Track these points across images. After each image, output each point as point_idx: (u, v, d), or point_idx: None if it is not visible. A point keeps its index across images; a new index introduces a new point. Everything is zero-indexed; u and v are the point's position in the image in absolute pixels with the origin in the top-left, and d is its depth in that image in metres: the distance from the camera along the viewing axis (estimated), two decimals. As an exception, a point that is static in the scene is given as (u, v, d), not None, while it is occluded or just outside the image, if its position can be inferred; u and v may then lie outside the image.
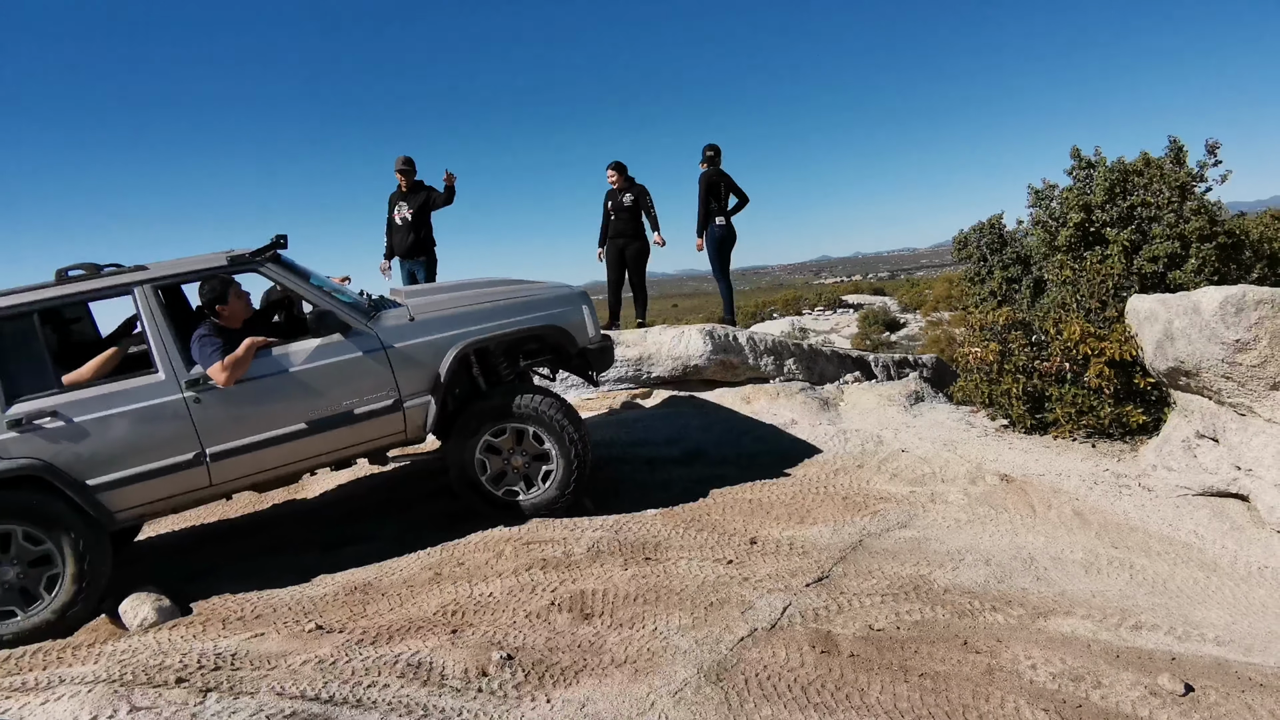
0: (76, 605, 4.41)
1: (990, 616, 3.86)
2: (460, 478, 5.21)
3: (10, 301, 4.46)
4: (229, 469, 4.70)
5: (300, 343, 4.83)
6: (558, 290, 5.55)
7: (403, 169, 8.25)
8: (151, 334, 4.63)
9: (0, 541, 4.35)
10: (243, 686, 3.44)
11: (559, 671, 3.46)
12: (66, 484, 4.38)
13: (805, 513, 5.28)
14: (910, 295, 33.60)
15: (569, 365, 5.82)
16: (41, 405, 4.40)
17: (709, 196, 8.69)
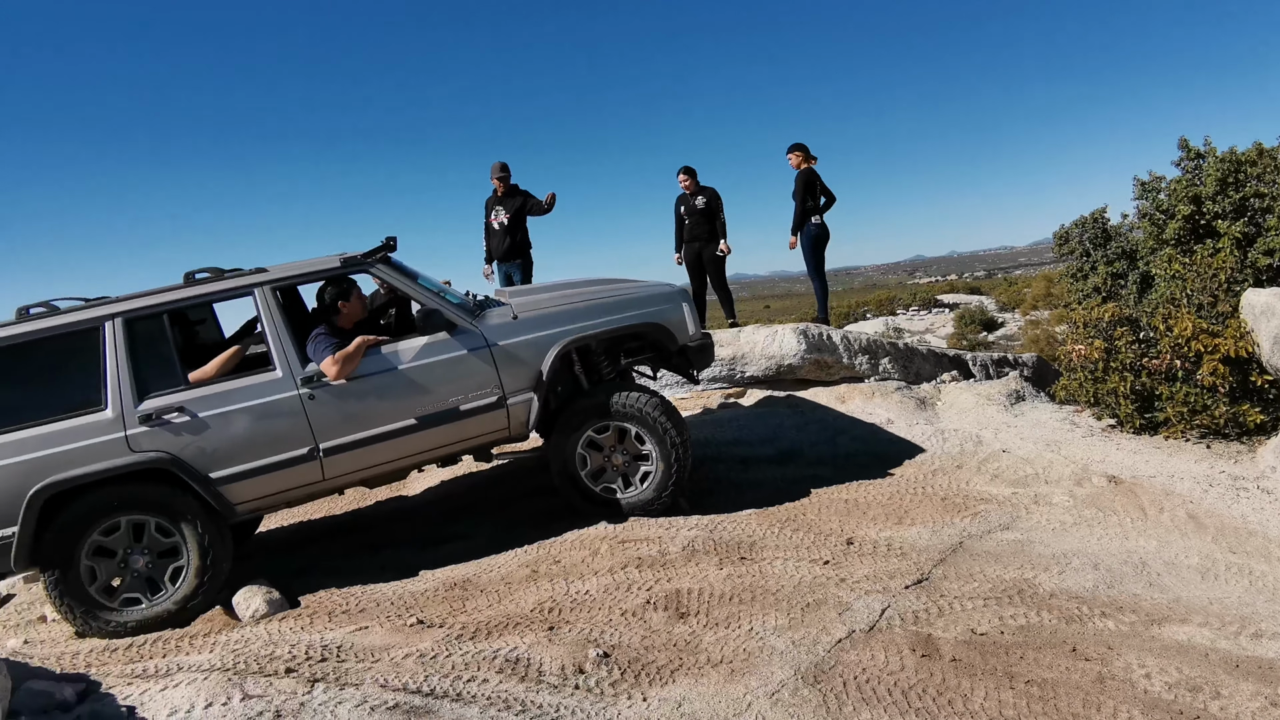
0: (197, 598, 4.65)
1: (1100, 623, 3.69)
2: (560, 473, 5.25)
3: (142, 303, 4.74)
4: (341, 464, 4.86)
5: (408, 341, 4.98)
6: (658, 288, 5.58)
7: (499, 175, 8.43)
8: (270, 333, 4.84)
9: (135, 531, 4.62)
10: (348, 678, 3.57)
11: (655, 670, 3.47)
12: (192, 477, 4.60)
13: (903, 513, 5.16)
14: (1008, 294, 32.45)
15: (669, 363, 5.80)
16: (169, 401, 4.64)
17: (806, 194, 8.52)
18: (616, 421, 5.16)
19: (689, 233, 8.95)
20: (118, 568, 4.61)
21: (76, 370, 4.61)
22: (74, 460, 4.47)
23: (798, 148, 8.61)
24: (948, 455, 6.18)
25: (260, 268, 5.01)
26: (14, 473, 4.40)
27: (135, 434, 4.57)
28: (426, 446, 5.00)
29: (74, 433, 4.51)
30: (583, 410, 5.17)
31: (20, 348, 4.58)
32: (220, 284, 4.90)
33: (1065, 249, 9.90)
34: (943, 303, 31.60)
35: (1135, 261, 8.87)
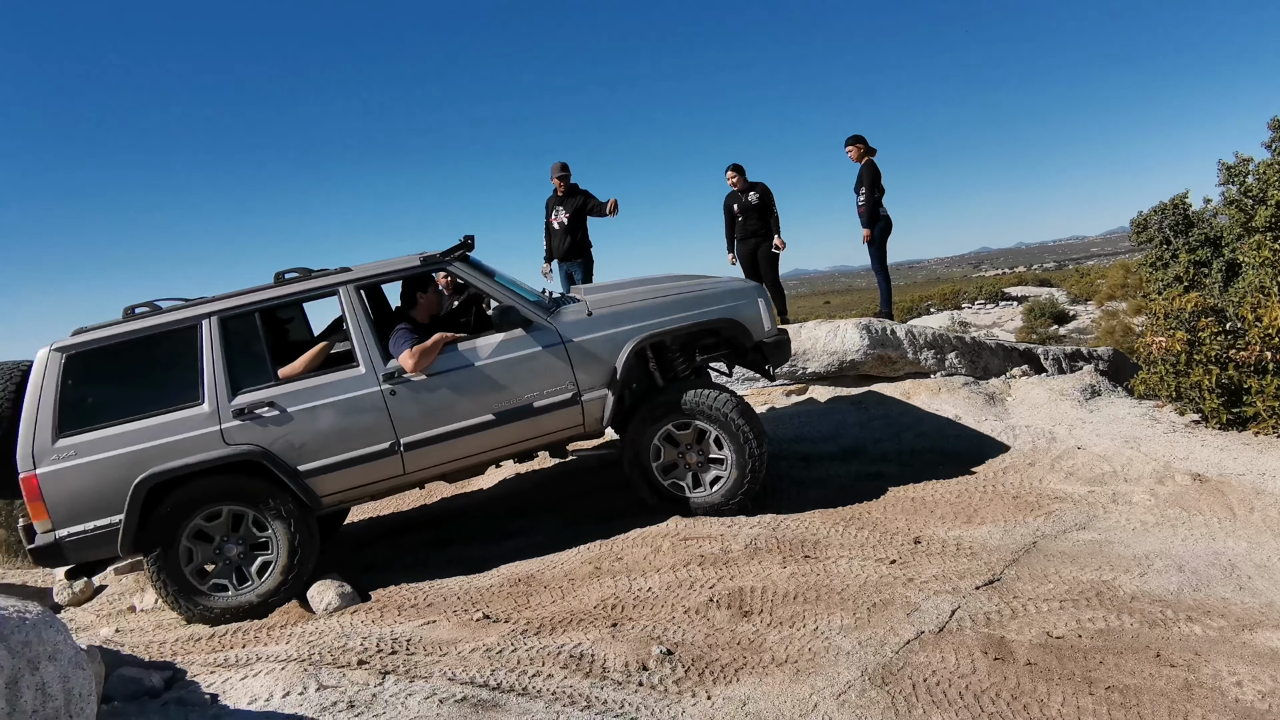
0: (279, 593, 4.80)
1: (1186, 627, 3.53)
2: (633, 468, 5.25)
3: (236, 302, 4.94)
4: (420, 458, 4.96)
5: (485, 337, 5.06)
6: (734, 284, 5.55)
7: (559, 174, 8.48)
8: (353, 330, 4.99)
9: (231, 521, 4.82)
10: (417, 670, 3.64)
11: (719, 668, 3.45)
12: (281, 469, 4.77)
13: (972, 512, 5.03)
14: (1080, 285, 31.40)
15: (745, 360, 5.75)
16: (260, 396, 4.82)
17: (874, 186, 8.33)
18: (693, 420, 5.13)
19: (742, 229, 8.85)
20: (212, 554, 4.82)
21: (176, 366, 4.83)
22: (174, 452, 4.68)
23: (857, 140, 8.42)
24: (1019, 452, 6.01)
25: (345, 267, 5.17)
26: (121, 464, 4.63)
27: (229, 427, 4.76)
28: (503, 442, 5.06)
29: (174, 426, 4.72)
30: (659, 407, 5.16)
31: (126, 345, 4.82)
32: (307, 283, 5.07)
33: (1143, 237, 9.55)
34: (1010, 295, 30.75)
35: (1220, 249, 8.51)
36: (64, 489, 4.61)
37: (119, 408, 4.74)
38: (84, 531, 4.65)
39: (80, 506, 4.63)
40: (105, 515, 4.64)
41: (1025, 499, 5.19)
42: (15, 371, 4.90)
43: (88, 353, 4.76)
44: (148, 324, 4.85)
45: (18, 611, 2.25)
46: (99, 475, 4.62)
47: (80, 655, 2.34)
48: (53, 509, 4.61)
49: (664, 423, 5.16)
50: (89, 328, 4.87)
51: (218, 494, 4.73)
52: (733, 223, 8.93)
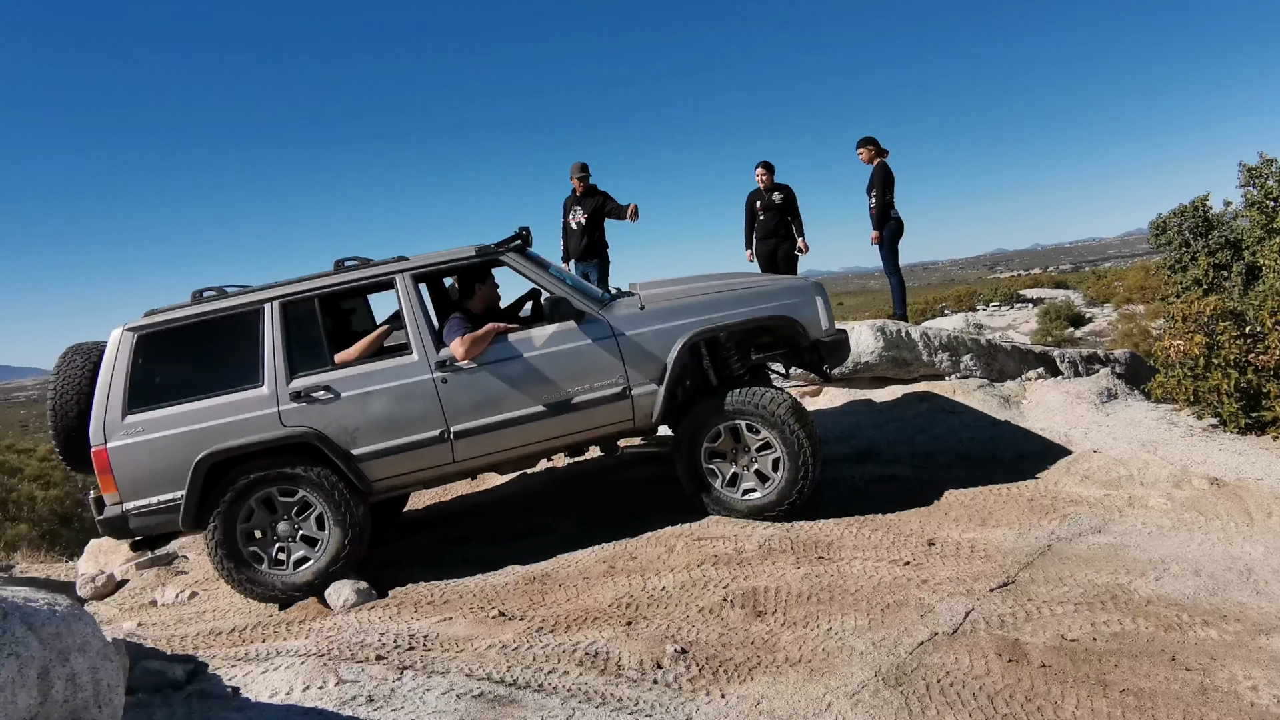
0: (330, 575, 4.84)
1: (1202, 631, 3.52)
2: (684, 467, 5.18)
3: (296, 289, 5.02)
4: (470, 447, 4.97)
5: (537, 329, 5.06)
6: (790, 281, 5.49)
7: (579, 175, 8.51)
8: (408, 318, 5.04)
9: (288, 502, 4.88)
10: (434, 666, 3.68)
11: (733, 667, 3.47)
12: (334, 452, 4.83)
13: (987, 514, 5.03)
14: (1097, 288, 31.15)
15: (801, 360, 5.61)
16: (316, 380, 4.89)
17: (885, 188, 8.31)
18: (745, 420, 5.04)
19: (763, 229, 8.82)
20: (268, 534, 4.92)
21: (239, 349, 4.93)
22: (233, 432, 4.79)
23: (869, 142, 8.40)
24: (1034, 455, 5.99)
25: (401, 257, 5.23)
26: (184, 441, 4.75)
27: (286, 409, 4.84)
28: (552, 434, 5.05)
29: (234, 406, 4.83)
30: (711, 406, 5.08)
31: (193, 327, 4.95)
32: (365, 271, 5.12)
33: (1162, 239, 9.47)
34: (1026, 298, 30.53)
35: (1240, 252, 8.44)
36: (131, 463, 4.75)
37: (184, 387, 4.88)
38: (148, 505, 4.78)
39: (145, 481, 4.76)
40: (169, 490, 4.76)
41: (1040, 502, 5.18)
42: (94, 351, 5.06)
43: (157, 333, 4.90)
44: (214, 307, 4.96)
45: (48, 604, 2.30)
46: (163, 451, 4.75)
47: (108, 647, 2.39)
48: (120, 482, 4.75)
49: (716, 422, 5.07)
50: (160, 309, 5.01)
51: (274, 475, 4.82)
52: (753, 220, 8.90)
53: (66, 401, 4.93)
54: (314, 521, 4.90)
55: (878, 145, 8.37)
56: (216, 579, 5.82)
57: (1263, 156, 8.20)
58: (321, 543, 4.89)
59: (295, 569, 4.90)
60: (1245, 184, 8.55)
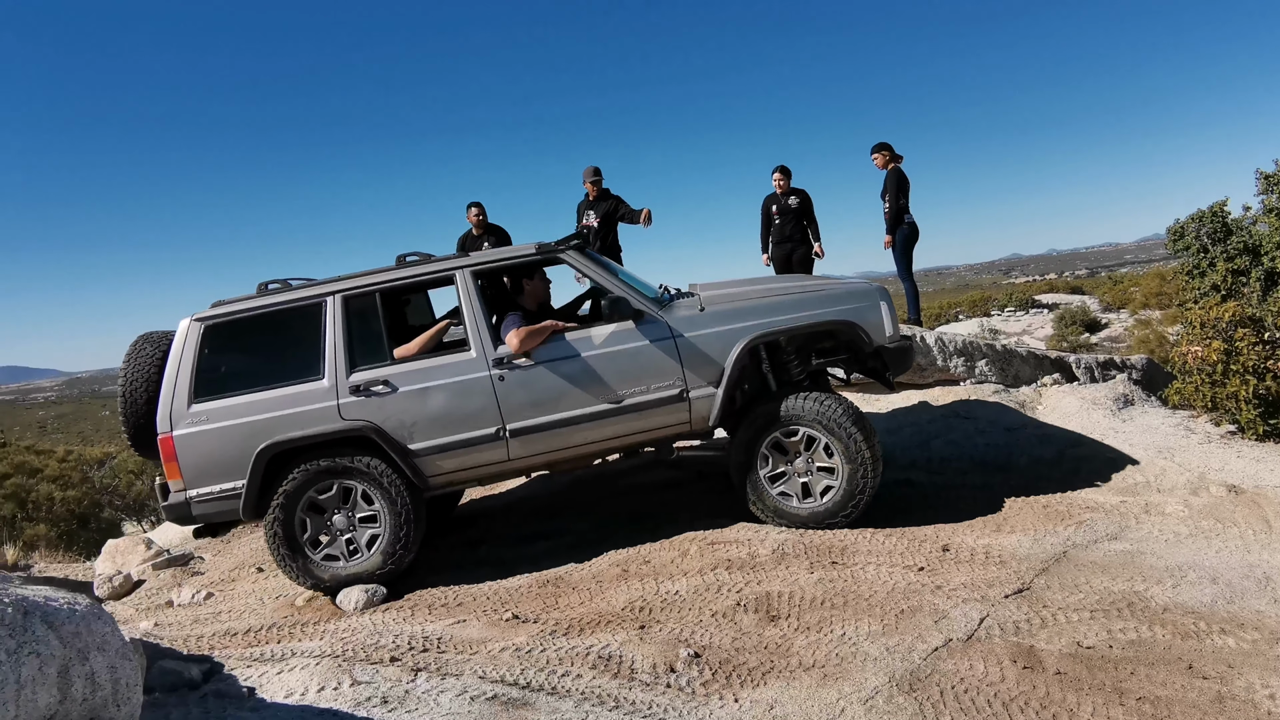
0: (387, 566, 4.88)
1: (1219, 639, 3.49)
2: (740, 475, 5.05)
3: (357, 283, 5.06)
4: (525, 446, 4.95)
5: (595, 328, 5.03)
6: (854, 285, 5.36)
7: (592, 179, 8.54)
8: (467, 314, 5.04)
9: (343, 495, 4.92)
10: (448, 668, 3.69)
11: (746, 672, 3.47)
12: (392, 447, 4.85)
13: (1002, 520, 5.00)
14: (1113, 293, 30.91)
15: (864, 366, 5.48)
16: (376, 375, 4.93)
17: (898, 193, 8.33)
18: (803, 427, 4.93)
19: (779, 233, 8.83)
20: (325, 525, 4.94)
21: (301, 342, 4.99)
22: (293, 423, 4.84)
23: (883, 147, 8.43)
24: (1049, 461, 5.96)
25: (464, 253, 5.25)
26: (246, 431, 4.82)
27: (345, 403, 4.88)
28: (607, 435, 5.01)
29: (295, 398, 4.88)
30: (769, 411, 4.97)
31: (258, 319, 5.02)
32: (426, 267, 5.15)
33: (1180, 245, 9.40)
34: (1041, 303, 30.33)
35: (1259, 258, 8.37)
36: (195, 451, 4.82)
37: (248, 377, 4.95)
38: (211, 493, 4.86)
39: (209, 469, 4.84)
40: (230, 479, 4.83)
41: (1055, 508, 5.15)
42: (163, 340, 5.14)
43: (224, 324, 4.98)
44: (278, 299, 5.02)
45: (68, 603, 2.32)
46: (226, 441, 4.82)
47: (127, 646, 2.41)
48: (185, 470, 4.84)
49: (773, 428, 4.96)
50: (226, 300, 5.08)
51: (332, 468, 4.85)
52: (769, 225, 8.91)
53: (136, 389, 5.01)
54: (370, 515, 4.91)
55: (892, 151, 8.40)
56: (232, 580, 5.88)
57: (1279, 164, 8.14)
58: (378, 537, 4.89)
59: (351, 561, 4.92)
60: (1263, 191, 8.49)
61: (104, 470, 13.87)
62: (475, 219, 8.57)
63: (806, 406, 4.90)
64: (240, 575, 5.97)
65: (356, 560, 4.91)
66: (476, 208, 8.56)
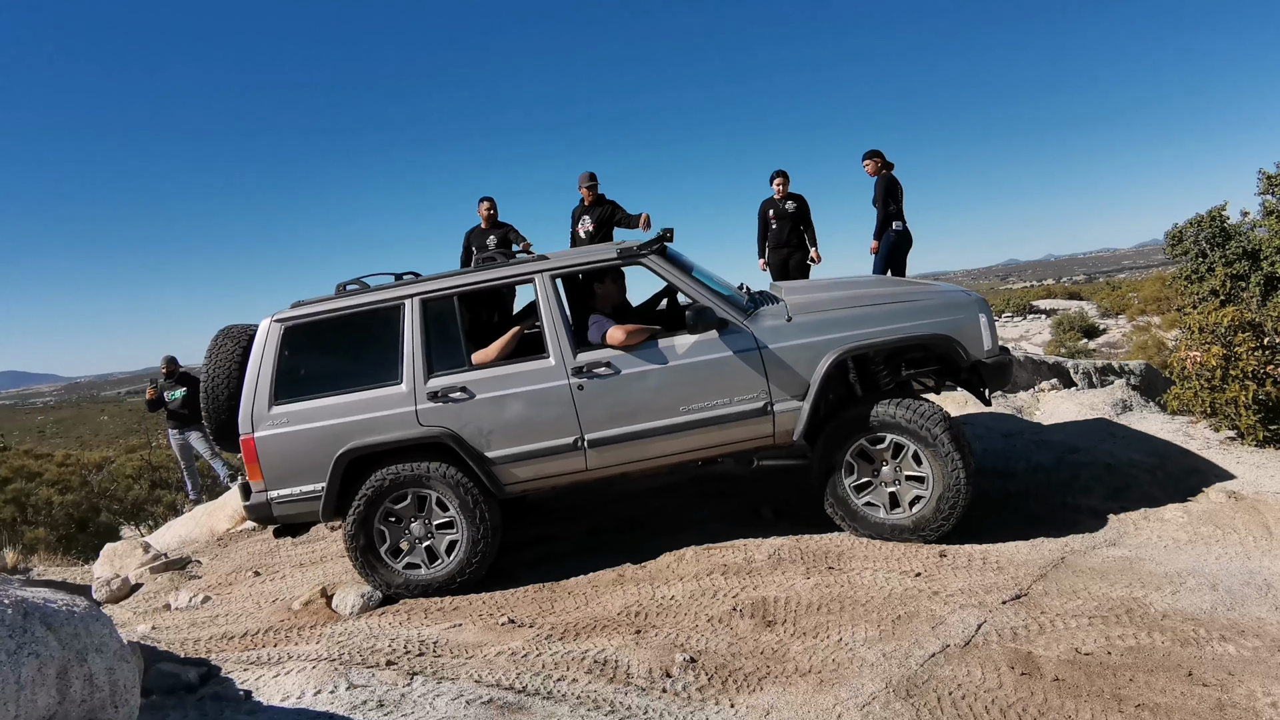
0: (465, 574, 4.82)
1: (1219, 646, 3.49)
2: (825, 485, 4.86)
3: (436, 285, 4.99)
4: (603, 456, 4.84)
5: (679, 337, 4.85)
6: (951, 295, 5.09)
7: (587, 184, 8.55)
8: (546, 319, 4.92)
9: (419, 501, 4.87)
10: (444, 672, 3.69)
11: (742, 677, 3.46)
12: (469, 454, 4.78)
13: (998, 525, 4.99)
14: (1111, 299, 30.98)
15: (957, 378, 5.22)
16: (453, 381, 4.85)
17: (887, 199, 8.35)
18: (891, 434, 4.73)
19: (775, 238, 8.82)
20: (404, 532, 4.90)
21: (379, 345, 4.95)
22: (373, 428, 4.80)
23: (874, 154, 8.46)
24: (1047, 466, 5.95)
25: (543, 255, 5.17)
26: (326, 435, 4.79)
27: (423, 409, 4.82)
28: (687, 447, 4.86)
29: (373, 403, 4.84)
30: (856, 418, 4.77)
31: (337, 321, 4.98)
32: (505, 270, 5.06)
33: (1178, 250, 9.42)
34: (1039, 309, 30.39)
35: (1259, 262, 8.38)
36: (276, 454, 4.81)
37: (327, 380, 4.93)
38: (291, 495, 4.85)
39: (289, 471, 4.82)
40: (310, 482, 4.81)
41: (1053, 513, 5.14)
42: (243, 335, 5.13)
43: (303, 325, 4.94)
44: (357, 301, 4.97)
45: (66, 604, 2.32)
46: (307, 444, 4.80)
47: (125, 649, 2.40)
48: (266, 471, 4.83)
49: (860, 436, 4.77)
50: (306, 301, 5.04)
51: (410, 474, 4.80)
52: (765, 228, 8.91)
53: (217, 385, 5.00)
54: (447, 521, 4.86)
55: (883, 158, 8.43)
56: (229, 584, 5.87)
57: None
58: (456, 543, 4.85)
59: (429, 567, 4.87)
60: (1264, 191, 8.50)
61: (103, 474, 13.86)
62: (485, 213, 8.59)
63: (896, 413, 4.70)
64: (237, 579, 5.96)
65: (436, 565, 4.86)
66: (488, 202, 8.58)
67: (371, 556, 4.84)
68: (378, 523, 4.84)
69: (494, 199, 8.60)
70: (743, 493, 5.98)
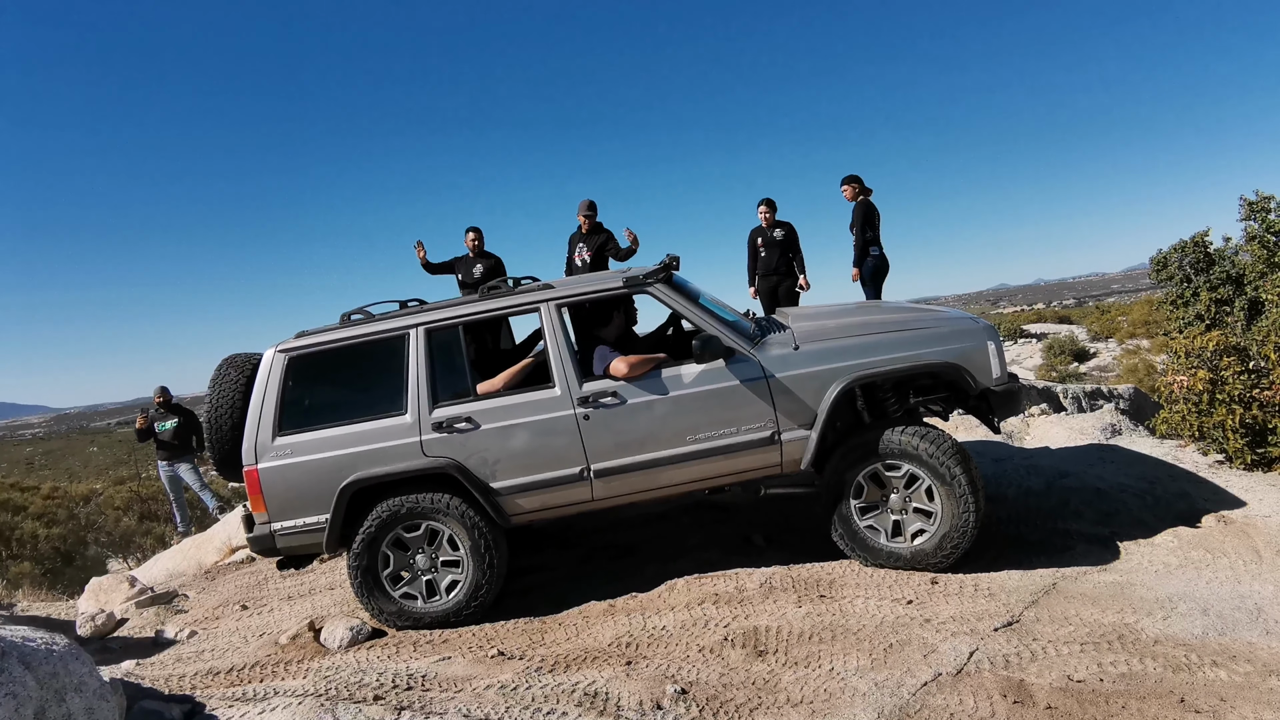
0: (468, 608, 4.78)
1: (1211, 672, 3.48)
2: (832, 513, 4.81)
3: (441, 315, 4.97)
4: (610, 486, 4.81)
5: (685, 366, 4.83)
6: (959, 322, 5.04)
7: (585, 213, 8.61)
8: (552, 349, 4.89)
9: (428, 533, 4.83)
10: (433, 707, 3.63)
11: (734, 708, 3.43)
12: (474, 485, 4.74)
13: (990, 552, 4.98)
14: (1100, 323, 31.18)
15: (966, 406, 5.16)
16: (459, 411, 4.82)
17: (865, 226, 8.41)
18: (902, 463, 4.70)
19: (764, 265, 8.87)
20: (407, 563, 4.86)
21: (384, 375, 4.91)
22: (377, 459, 4.77)
23: (852, 180, 8.50)
24: (1037, 492, 5.95)
25: (548, 284, 5.16)
26: (330, 466, 4.76)
27: (428, 439, 4.79)
28: (693, 477, 4.83)
29: (378, 434, 4.81)
30: (864, 445, 4.74)
31: (341, 351, 4.95)
32: (511, 299, 5.04)
33: (1163, 275, 9.51)
34: (1029, 333, 30.55)
35: (1242, 287, 8.46)
36: (279, 485, 4.78)
37: (331, 410, 4.90)
38: (295, 527, 4.82)
39: (293, 503, 4.79)
40: (314, 513, 4.78)
41: (1044, 539, 5.13)
42: (247, 364, 5.11)
43: (307, 355, 4.92)
44: (362, 331, 4.95)
45: (45, 643, 2.29)
46: (310, 475, 4.77)
47: (105, 687, 2.37)
48: (269, 502, 4.79)
49: (868, 464, 4.73)
50: (310, 331, 5.02)
51: (415, 506, 4.76)
52: (755, 257, 8.96)
53: (220, 415, 4.98)
54: (454, 560, 4.82)
55: (861, 183, 8.46)
56: (216, 618, 5.80)
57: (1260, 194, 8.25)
58: (461, 576, 4.81)
59: (431, 600, 4.84)
60: (1246, 217, 8.61)
61: (90, 507, 13.73)
62: (472, 243, 8.64)
63: (919, 445, 4.64)
64: (224, 613, 5.89)
65: (437, 599, 4.83)
66: (474, 232, 8.65)
67: (374, 588, 4.80)
68: (385, 548, 4.80)
69: (480, 229, 8.67)
70: (734, 520, 5.96)
